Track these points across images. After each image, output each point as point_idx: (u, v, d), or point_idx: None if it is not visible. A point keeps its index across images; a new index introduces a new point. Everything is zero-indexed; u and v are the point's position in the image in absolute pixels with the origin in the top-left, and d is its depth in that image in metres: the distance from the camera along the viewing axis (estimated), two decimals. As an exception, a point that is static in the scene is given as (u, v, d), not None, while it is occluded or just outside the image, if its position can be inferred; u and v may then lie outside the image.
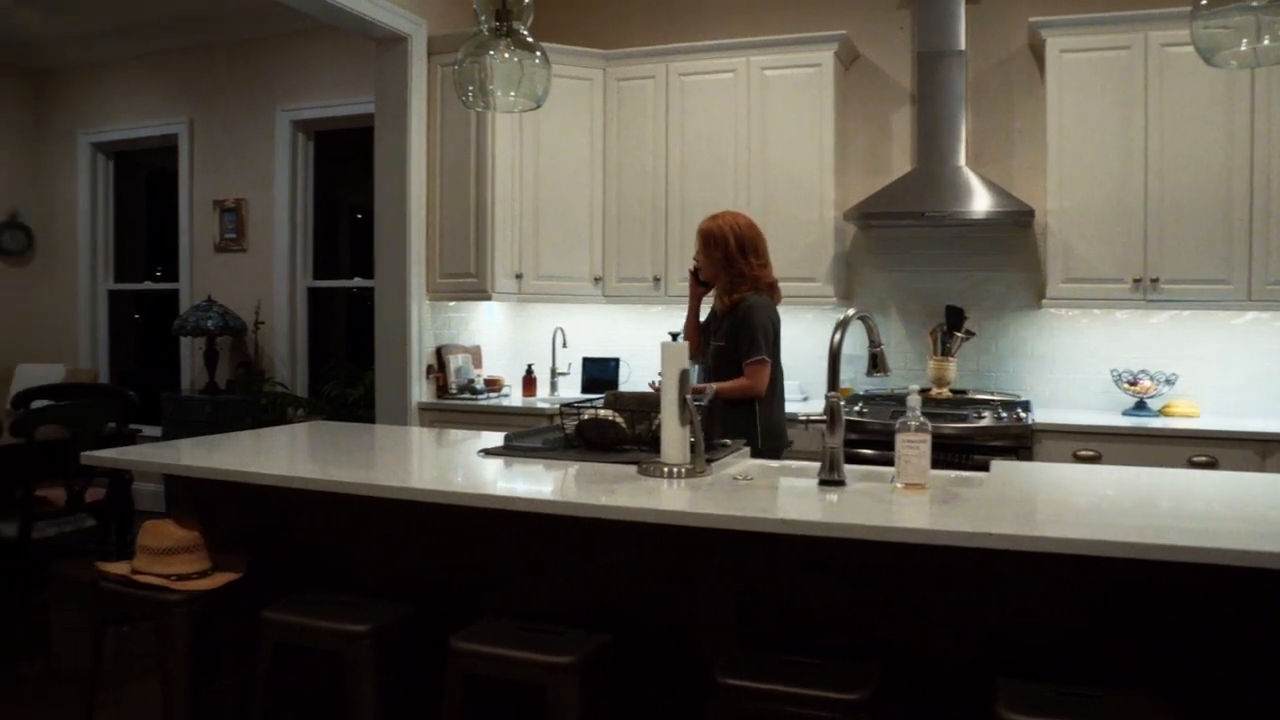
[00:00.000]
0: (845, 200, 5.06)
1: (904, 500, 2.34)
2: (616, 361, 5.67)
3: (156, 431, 6.86)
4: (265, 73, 6.92)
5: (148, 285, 7.70)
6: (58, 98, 7.78)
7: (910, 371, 5.08)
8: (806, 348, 5.17)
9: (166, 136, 7.30)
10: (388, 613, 2.56)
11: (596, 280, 5.50)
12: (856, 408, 4.65)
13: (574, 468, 2.83)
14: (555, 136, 5.41)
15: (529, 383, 5.69)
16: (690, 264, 3.95)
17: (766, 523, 2.13)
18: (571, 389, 5.71)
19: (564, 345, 5.68)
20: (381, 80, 5.29)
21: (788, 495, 2.45)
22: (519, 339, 6.05)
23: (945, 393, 4.75)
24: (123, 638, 4.41)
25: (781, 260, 4.98)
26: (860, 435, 4.43)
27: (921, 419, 2.42)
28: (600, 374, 5.68)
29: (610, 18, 5.77)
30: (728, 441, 3.17)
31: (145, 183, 7.88)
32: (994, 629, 2.23)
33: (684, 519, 2.22)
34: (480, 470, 2.89)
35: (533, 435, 3.29)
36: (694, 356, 3.87)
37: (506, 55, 2.96)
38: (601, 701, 2.31)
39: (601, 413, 3.08)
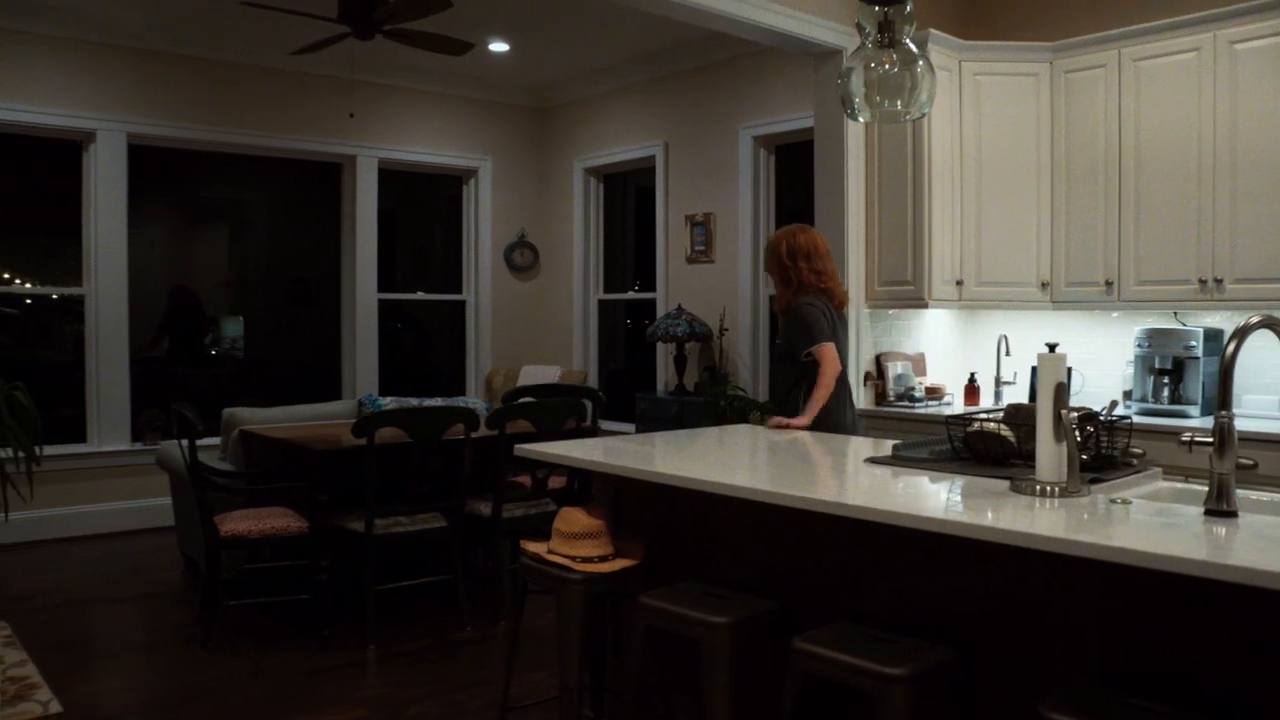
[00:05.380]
0: (1339, 187, 4.37)
1: (1301, 539, 2.04)
2: (1069, 371, 5.32)
3: (630, 428, 7.56)
4: (728, 94, 7.36)
5: (630, 295, 8.49)
6: (558, 130, 8.85)
7: None
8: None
9: (646, 158, 8.01)
10: (750, 607, 2.69)
11: (1043, 285, 5.23)
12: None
13: (948, 481, 2.77)
14: (997, 137, 5.23)
15: (971, 391, 5.55)
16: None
17: (1109, 551, 1.97)
18: (1018, 399, 5.46)
19: (1007, 354, 5.45)
20: (819, 93, 5.44)
21: (1162, 524, 2.23)
22: (966, 346, 5.91)
23: None
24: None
25: (1254, 260, 4.46)
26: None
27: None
28: (1048, 384, 5.39)
29: (1053, 7, 5.44)
30: (1134, 461, 2.93)
31: (632, 201, 8.70)
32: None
33: (1027, 541, 2.11)
34: (858, 479, 2.92)
35: (921, 446, 3.25)
36: None
37: (887, 66, 2.96)
38: (933, 718, 2.26)
39: (988, 425, 2.98)
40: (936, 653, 2.31)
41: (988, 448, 2.98)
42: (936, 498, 2.60)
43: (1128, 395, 4.96)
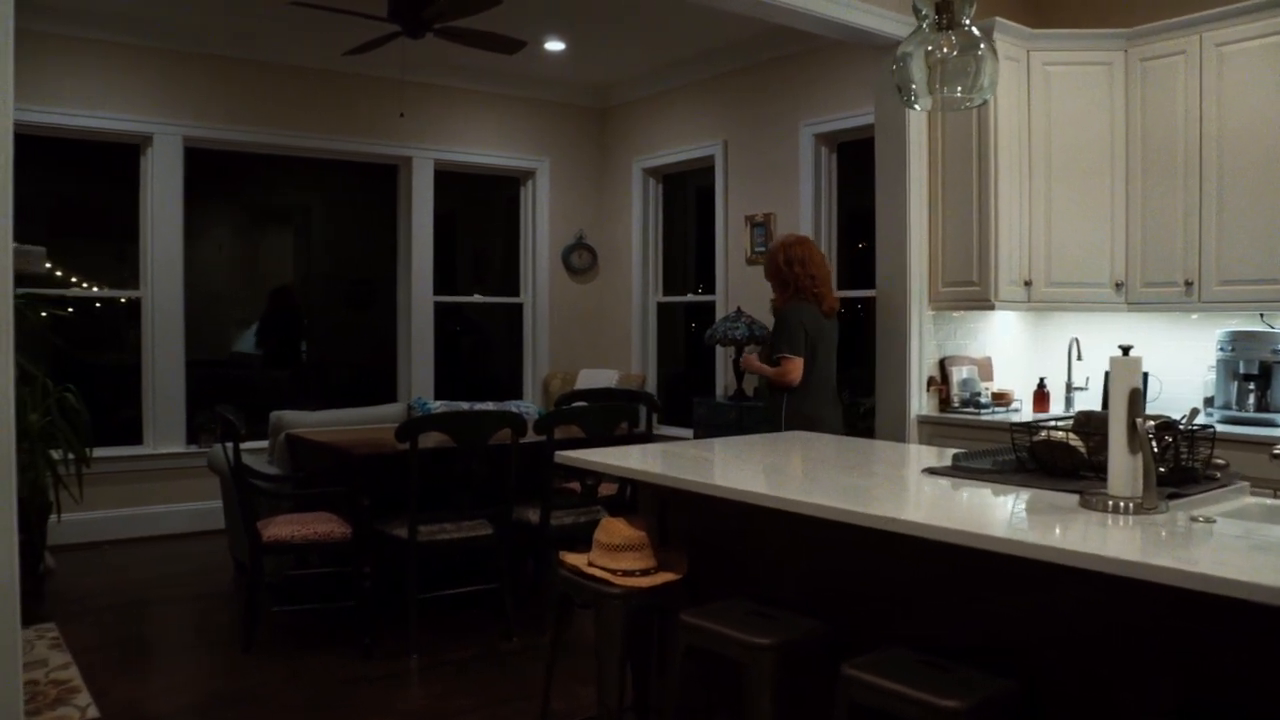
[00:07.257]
0: None
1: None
2: (1145, 376, 5.05)
3: (689, 433, 7.40)
4: (788, 91, 7.17)
5: (690, 297, 8.33)
6: (616, 130, 8.73)
7: None
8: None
9: (705, 158, 7.85)
10: (796, 628, 2.52)
11: (1118, 286, 4.97)
12: None
13: (1011, 495, 2.58)
14: (1068, 130, 4.98)
15: (1040, 397, 5.30)
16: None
17: (1189, 577, 1.77)
18: (1090, 405, 5.20)
19: (1079, 358, 5.19)
20: (880, 87, 5.24)
21: (1250, 545, 2.02)
22: (1036, 350, 5.65)
23: None
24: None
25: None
26: None
27: None
28: (1123, 390, 5.12)
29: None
30: (1216, 474, 2.70)
31: (692, 202, 8.53)
32: None
33: (1097, 563, 1.91)
34: (914, 491, 2.74)
35: (983, 455, 3.05)
36: None
37: (946, 50, 2.77)
38: (991, 756, 2.08)
39: (1054, 434, 2.78)
40: (996, 683, 2.13)
41: (1055, 458, 2.77)
42: (998, 513, 2.41)
43: (1209, 402, 4.69)
